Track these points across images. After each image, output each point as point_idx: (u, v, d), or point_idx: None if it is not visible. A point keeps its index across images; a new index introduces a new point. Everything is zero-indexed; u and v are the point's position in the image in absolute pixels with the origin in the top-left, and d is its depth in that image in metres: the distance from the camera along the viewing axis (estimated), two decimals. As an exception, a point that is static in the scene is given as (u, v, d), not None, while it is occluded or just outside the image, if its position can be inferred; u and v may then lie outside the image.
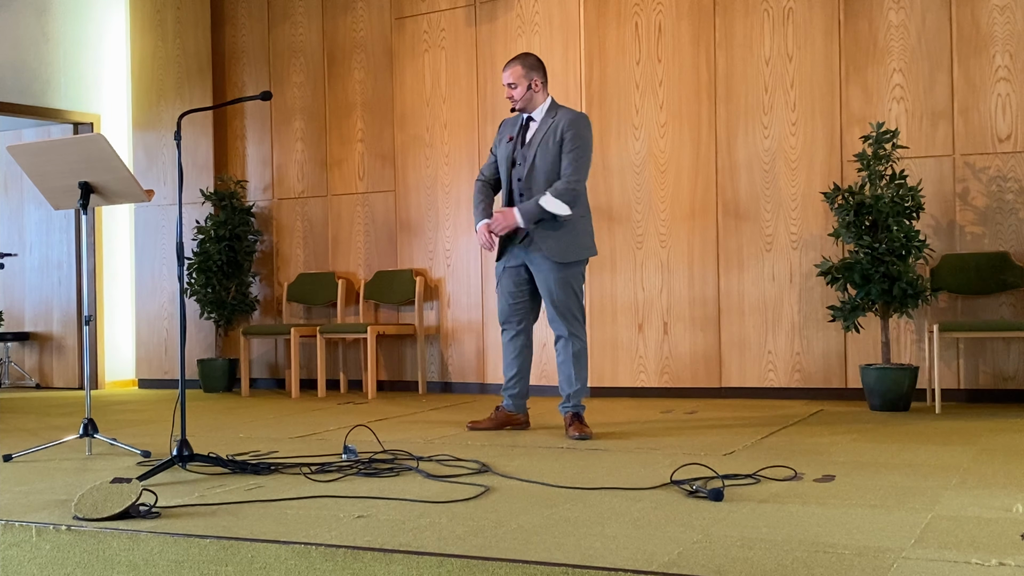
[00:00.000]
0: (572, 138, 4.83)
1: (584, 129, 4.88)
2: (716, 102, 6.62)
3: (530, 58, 4.97)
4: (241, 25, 8.28)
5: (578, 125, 4.86)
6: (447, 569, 2.45)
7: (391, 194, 7.67)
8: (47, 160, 4.35)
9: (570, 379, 4.88)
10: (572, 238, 4.86)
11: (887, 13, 6.23)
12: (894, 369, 5.63)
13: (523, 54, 5.03)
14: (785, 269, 6.43)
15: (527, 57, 4.97)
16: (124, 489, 3.06)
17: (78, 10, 8.33)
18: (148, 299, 8.39)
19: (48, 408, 6.77)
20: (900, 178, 5.68)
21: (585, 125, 4.90)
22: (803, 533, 2.69)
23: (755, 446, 4.39)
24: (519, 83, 4.90)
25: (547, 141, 4.88)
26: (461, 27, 7.40)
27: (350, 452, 4.10)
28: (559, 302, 4.86)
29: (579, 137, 4.84)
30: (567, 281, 4.87)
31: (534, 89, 4.91)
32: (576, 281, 4.92)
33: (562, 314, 4.87)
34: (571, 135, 4.83)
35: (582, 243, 4.91)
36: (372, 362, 7.16)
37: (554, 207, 4.75)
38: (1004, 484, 3.37)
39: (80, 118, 8.30)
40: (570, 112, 4.94)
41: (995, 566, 2.32)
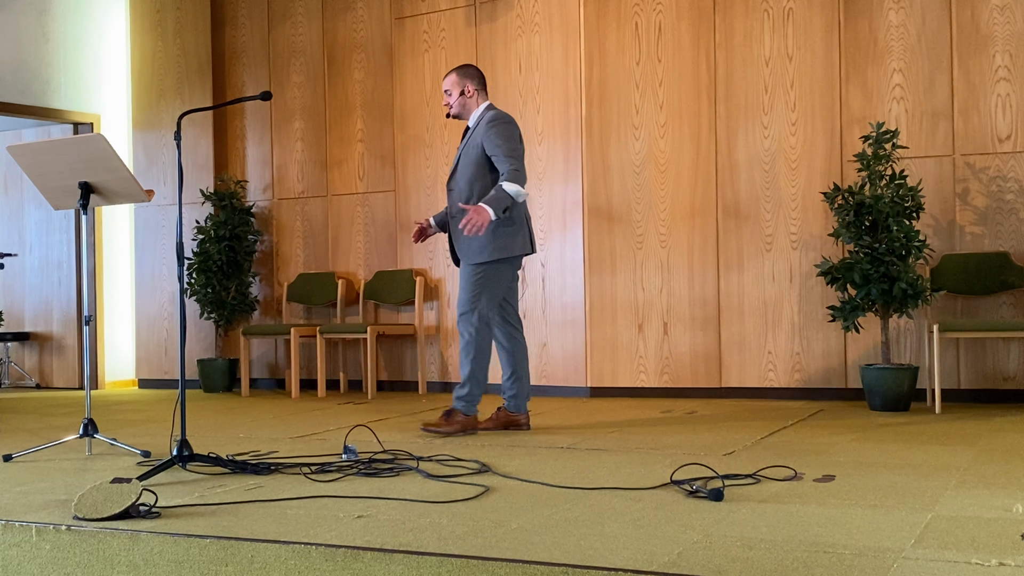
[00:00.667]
0: (491, 136, 4.88)
1: (499, 124, 4.91)
2: (716, 102, 6.62)
3: (467, 68, 5.13)
4: (241, 25, 8.28)
5: (493, 123, 4.92)
6: (447, 569, 2.45)
7: (391, 194, 7.67)
8: (47, 160, 4.35)
9: (463, 367, 4.96)
10: (486, 240, 4.88)
11: (887, 13, 6.23)
12: (894, 369, 5.63)
13: (462, 64, 5.22)
14: (785, 269, 6.43)
15: (464, 67, 5.14)
16: (124, 489, 3.06)
17: (78, 10, 8.33)
18: (148, 299, 8.39)
19: (48, 408, 6.77)
20: (900, 178, 5.68)
21: (500, 121, 4.93)
22: (803, 533, 2.69)
23: (755, 446, 4.39)
24: (452, 90, 5.06)
25: (470, 146, 4.99)
26: (461, 27, 7.40)
27: (350, 452, 4.10)
28: (462, 293, 4.97)
29: (497, 133, 4.88)
30: (473, 277, 4.93)
31: (467, 95, 5.03)
32: (486, 280, 4.93)
33: (462, 304, 4.96)
34: (490, 135, 4.89)
35: (497, 244, 4.91)
36: (372, 362, 7.16)
37: (514, 189, 4.78)
38: (1004, 484, 3.37)
39: (80, 118, 8.30)
40: (487, 113, 4.99)
41: (995, 566, 2.32)
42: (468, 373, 4.94)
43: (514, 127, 4.97)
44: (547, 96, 7.04)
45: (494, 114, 4.99)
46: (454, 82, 5.06)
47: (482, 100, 5.08)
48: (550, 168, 7.01)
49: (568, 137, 6.95)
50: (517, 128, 4.99)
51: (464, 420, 4.95)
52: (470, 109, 5.06)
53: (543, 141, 7.04)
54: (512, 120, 5.00)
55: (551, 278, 7.01)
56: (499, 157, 4.85)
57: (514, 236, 4.95)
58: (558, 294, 6.98)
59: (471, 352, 4.93)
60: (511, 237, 4.94)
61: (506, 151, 4.85)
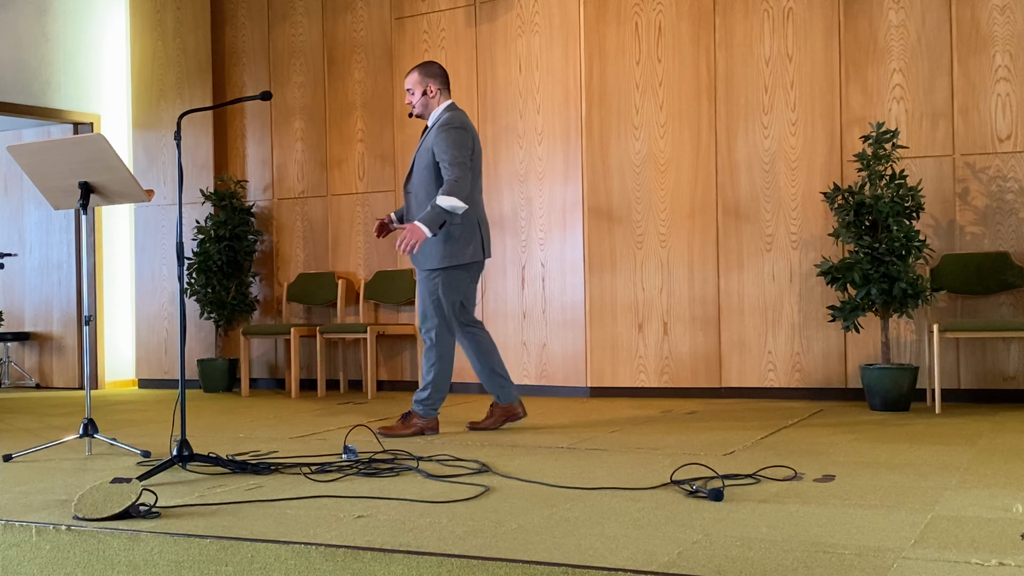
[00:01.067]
0: (440, 140, 4.87)
1: (452, 129, 4.89)
2: (716, 102, 6.62)
3: (430, 66, 5.07)
4: (241, 25, 8.28)
5: (446, 126, 4.91)
6: (447, 569, 2.45)
7: (391, 194, 7.66)
8: (47, 160, 4.35)
9: (425, 373, 4.97)
10: (437, 246, 4.88)
11: (887, 13, 6.23)
12: (894, 369, 5.62)
13: (425, 62, 5.16)
14: (785, 269, 6.43)
15: (426, 65, 5.08)
16: (124, 489, 3.06)
17: (78, 10, 8.33)
18: (148, 299, 8.39)
19: (48, 408, 6.77)
20: (900, 178, 5.68)
21: (452, 126, 4.90)
22: (803, 533, 2.69)
23: (755, 446, 4.39)
24: (415, 89, 5.03)
25: (423, 148, 4.98)
26: (461, 27, 7.40)
27: (350, 452, 4.10)
28: (420, 302, 4.99)
29: (445, 139, 4.86)
30: (429, 285, 4.94)
31: (429, 95, 5.00)
32: (441, 287, 4.92)
33: (421, 312, 4.99)
34: (439, 138, 4.88)
35: (448, 250, 4.89)
36: (372, 362, 7.16)
37: (450, 203, 4.78)
38: (1004, 484, 3.37)
39: (80, 118, 8.30)
40: (444, 116, 4.97)
41: (995, 566, 2.32)
42: (431, 378, 4.96)
43: (465, 133, 4.91)
44: (547, 96, 7.04)
45: (448, 117, 4.95)
46: (416, 81, 5.02)
47: (444, 100, 5.04)
48: (550, 168, 7.01)
49: (568, 137, 6.95)
50: (469, 134, 4.94)
51: (422, 422, 4.97)
52: (431, 109, 5.03)
53: (543, 141, 7.04)
54: (465, 125, 4.95)
55: (551, 278, 7.01)
56: (443, 165, 4.84)
57: (467, 243, 4.93)
58: (558, 294, 6.98)
59: (432, 358, 4.96)
60: (463, 244, 4.92)
61: (450, 159, 4.82)
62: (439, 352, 4.95)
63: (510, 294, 7.16)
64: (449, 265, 4.90)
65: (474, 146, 4.95)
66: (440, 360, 4.95)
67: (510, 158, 7.16)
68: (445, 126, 4.90)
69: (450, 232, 4.87)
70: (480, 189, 5.04)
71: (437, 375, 4.95)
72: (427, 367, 4.97)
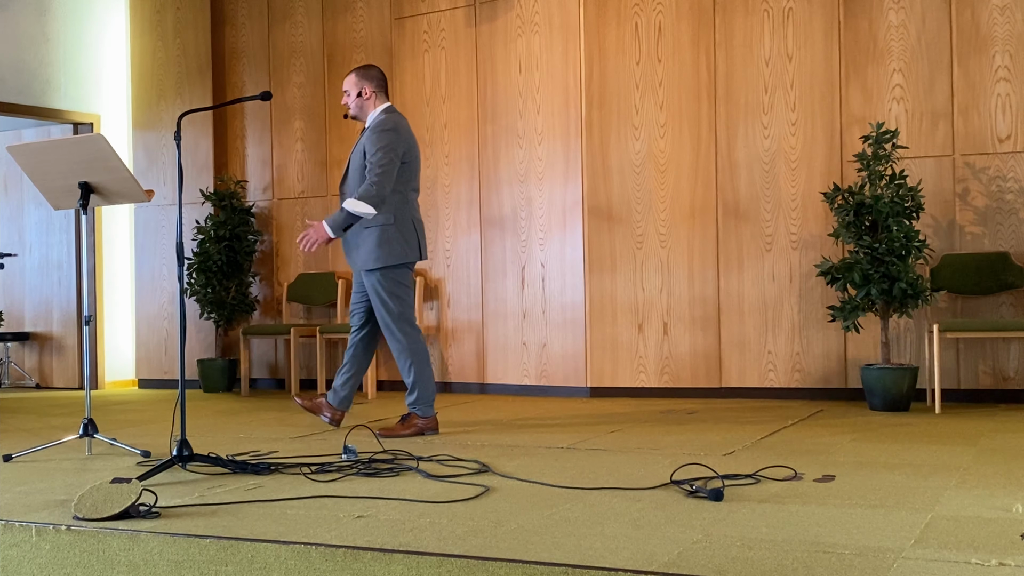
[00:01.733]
0: (372, 142, 4.90)
1: (382, 131, 4.90)
2: (716, 102, 6.62)
3: (368, 69, 5.11)
4: (241, 25, 8.28)
5: (377, 128, 4.93)
6: (447, 569, 2.45)
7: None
8: (47, 160, 4.35)
9: (409, 375, 4.99)
10: (373, 246, 4.91)
11: (887, 13, 6.23)
12: (894, 369, 5.63)
13: (364, 65, 5.24)
14: (785, 269, 6.43)
15: (364, 68, 5.13)
16: (124, 489, 3.06)
17: (78, 10, 8.33)
18: (148, 299, 8.39)
19: (48, 408, 6.77)
20: (900, 178, 5.68)
21: (386, 126, 4.92)
22: (803, 533, 2.69)
23: (755, 446, 4.39)
24: (351, 90, 5.07)
25: (357, 151, 5.00)
26: (461, 27, 7.40)
27: (350, 452, 4.10)
28: (375, 308, 5.01)
29: (377, 140, 4.88)
30: (374, 288, 4.96)
31: (364, 97, 5.03)
32: (386, 286, 4.94)
33: (380, 318, 5.00)
34: (371, 140, 4.91)
35: (385, 250, 4.91)
36: (372, 362, 7.14)
37: (357, 208, 4.81)
38: (1004, 484, 3.37)
39: (80, 118, 8.30)
40: (379, 116, 4.99)
41: (995, 566, 2.32)
42: (414, 378, 4.97)
43: (397, 135, 4.92)
44: (547, 96, 7.04)
45: (382, 119, 4.97)
46: (352, 83, 5.06)
47: (380, 103, 5.06)
48: (550, 168, 7.01)
49: (568, 137, 6.95)
50: (402, 137, 4.94)
51: (423, 423, 4.99)
52: (367, 111, 5.06)
53: (543, 141, 7.04)
54: (398, 127, 4.96)
55: (551, 278, 7.01)
56: (368, 167, 4.87)
57: (401, 243, 4.95)
58: (558, 294, 6.98)
59: (408, 358, 4.97)
60: (398, 244, 4.94)
61: (375, 161, 4.85)
62: (412, 351, 4.98)
63: (510, 294, 7.16)
64: (386, 265, 4.93)
65: (409, 149, 4.97)
66: (415, 357, 4.98)
67: (510, 158, 7.17)
68: (377, 128, 4.94)
69: (383, 233, 4.90)
70: (416, 191, 5.07)
71: (418, 373, 4.98)
72: (405, 369, 5.00)
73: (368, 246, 4.91)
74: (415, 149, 5.04)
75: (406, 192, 4.96)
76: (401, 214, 4.93)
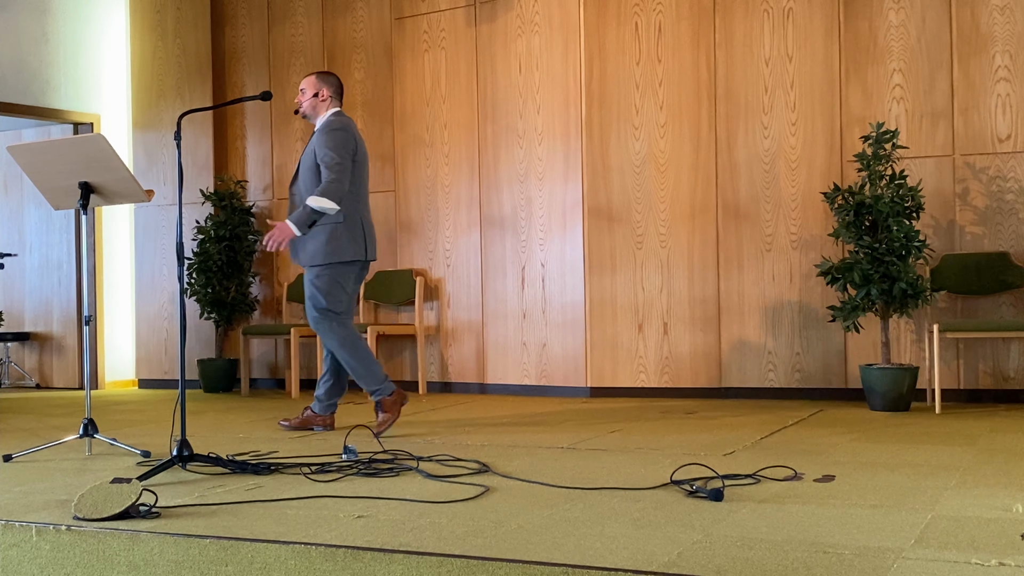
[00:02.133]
0: (322, 144, 4.96)
1: (332, 131, 4.98)
2: (716, 102, 6.62)
3: (329, 75, 5.21)
4: (241, 25, 8.28)
5: (326, 128, 5.01)
6: (447, 569, 2.45)
7: (391, 194, 7.67)
8: (47, 160, 4.35)
9: (352, 371, 5.01)
10: (322, 243, 4.95)
11: (887, 13, 6.23)
12: (894, 369, 5.63)
13: (326, 71, 5.35)
14: (785, 269, 6.43)
15: (326, 73, 5.23)
16: (124, 489, 3.06)
17: (78, 10, 8.33)
18: (148, 299, 8.39)
19: (48, 408, 6.77)
20: (900, 178, 5.68)
21: (335, 126, 5.00)
22: (803, 533, 2.69)
23: (755, 446, 4.39)
24: (307, 89, 5.15)
25: (308, 151, 5.06)
26: (461, 27, 7.40)
27: (350, 452, 4.10)
28: (306, 303, 5.07)
29: (328, 140, 4.96)
30: (312, 282, 5.01)
31: (320, 98, 5.11)
32: (324, 282, 4.98)
33: (308, 313, 5.06)
34: (321, 140, 4.98)
35: (333, 247, 4.95)
36: (372, 362, 7.14)
37: (322, 204, 4.87)
38: (1004, 484, 3.37)
39: (80, 118, 8.30)
40: (329, 119, 5.06)
41: (995, 566, 2.32)
42: (355, 366, 5.00)
43: (347, 135, 4.99)
44: (547, 96, 7.04)
45: (331, 120, 5.05)
46: (312, 83, 5.14)
47: (332, 107, 5.13)
48: (550, 168, 7.01)
49: (568, 137, 6.95)
50: (352, 137, 5.00)
51: (391, 400, 5.00)
52: (319, 112, 5.12)
53: (543, 141, 7.04)
54: (348, 128, 5.03)
55: (551, 278, 7.01)
56: (322, 167, 4.93)
57: (349, 241, 4.98)
58: (558, 294, 6.98)
59: (346, 350, 5.00)
60: (345, 242, 4.98)
61: (329, 161, 4.91)
62: (348, 343, 5.00)
63: (510, 294, 7.16)
64: (332, 262, 4.97)
65: (357, 149, 5.02)
66: (354, 349, 5.00)
67: (510, 158, 7.17)
68: (326, 128, 5.01)
69: (333, 231, 4.95)
70: (366, 192, 5.11)
71: (359, 361, 5.00)
72: (350, 362, 5.02)
73: (316, 243, 4.97)
74: (364, 151, 5.11)
75: (355, 193, 5.03)
76: (351, 213, 4.99)
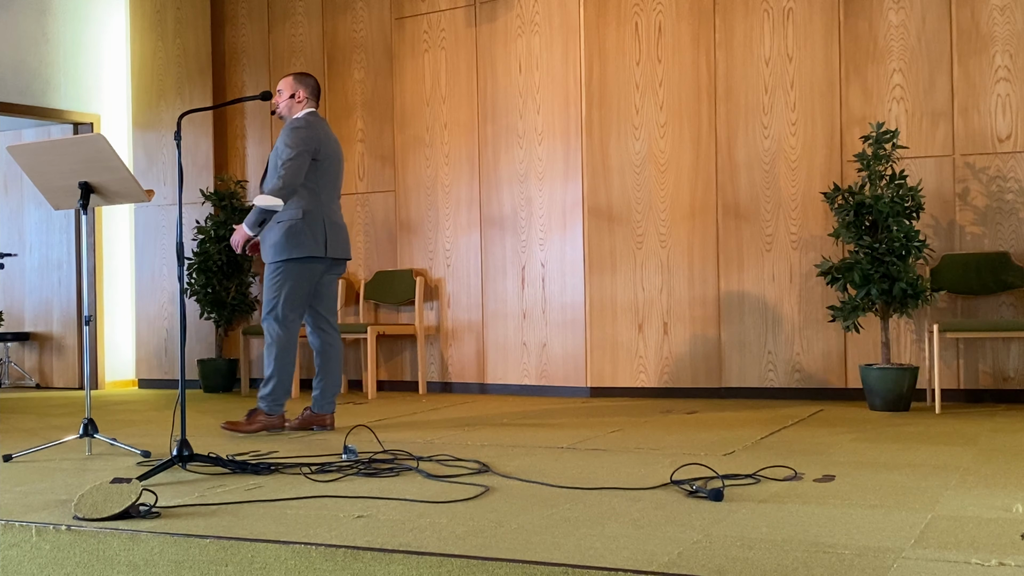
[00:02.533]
0: (283, 141, 5.01)
1: (293, 129, 5.02)
2: (716, 102, 6.62)
3: (307, 77, 5.24)
4: (241, 25, 8.28)
5: (289, 126, 5.05)
6: (447, 569, 2.45)
7: (391, 194, 7.67)
8: (47, 160, 4.35)
9: (268, 372, 5.04)
10: (279, 238, 4.99)
11: (887, 13, 6.23)
12: (894, 369, 5.63)
13: (304, 72, 5.39)
14: (785, 269, 6.43)
15: (303, 75, 5.25)
16: (124, 489, 3.06)
17: (78, 10, 8.33)
18: (148, 299, 8.39)
19: (48, 408, 6.77)
20: (900, 178, 5.68)
21: (297, 124, 5.04)
22: (803, 533, 2.69)
23: (755, 446, 4.39)
24: (284, 90, 5.19)
25: (275, 149, 5.10)
26: (461, 27, 7.40)
27: (350, 452, 4.10)
28: (264, 296, 5.09)
29: (287, 137, 5.00)
30: (270, 276, 5.05)
31: (296, 99, 5.15)
32: (280, 279, 5.01)
33: (264, 306, 5.08)
34: (282, 138, 5.03)
35: (290, 243, 4.98)
36: (372, 362, 7.16)
37: (266, 202, 4.90)
38: (1004, 484, 3.37)
39: (80, 118, 8.30)
40: (296, 118, 5.10)
41: (995, 566, 2.32)
42: (271, 373, 5.03)
43: (310, 132, 5.01)
44: (547, 96, 7.04)
45: (297, 119, 5.09)
46: (289, 84, 5.17)
47: (308, 107, 5.16)
48: (550, 168, 7.01)
49: (568, 137, 6.95)
50: (316, 135, 5.03)
51: (266, 419, 5.04)
52: (293, 113, 5.16)
53: (543, 141, 7.04)
54: (312, 125, 5.05)
55: (551, 278, 7.01)
56: (280, 164, 4.95)
57: (307, 238, 5.00)
58: (558, 294, 6.98)
59: (273, 352, 5.03)
60: (303, 239, 4.99)
61: (284, 156, 4.94)
62: (279, 347, 5.03)
63: (510, 294, 7.16)
64: (287, 258, 4.99)
65: (322, 148, 5.04)
66: (281, 355, 5.03)
67: (510, 158, 7.17)
68: (289, 126, 5.06)
69: (291, 227, 4.98)
70: (333, 191, 5.14)
71: (279, 369, 5.03)
72: (268, 361, 5.05)
73: (274, 239, 5.01)
74: (333, 152, 5.13)
75: (318, 191, 5.04)
76: (313, 210, 5.01)
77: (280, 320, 5.01)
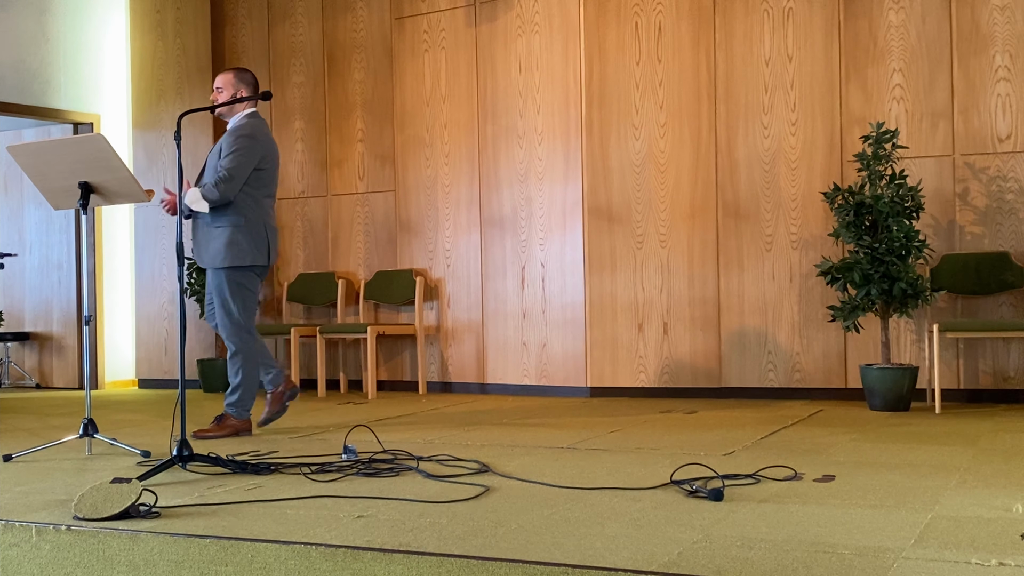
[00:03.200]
0: (227, 145, 4.99)
1: (239, 136, 5.00)
2: (716, 102, 6.62)
3: (245, 73, 5.18)
4: (241, 25, 8.28)
5: (235, 132, 5.02)
6: (447, 569, 2.45)
7: (391, 194, 7.67)
8: (47, 160, 4.35)
9: (233, 382, 5.06)
10: (221, 246, 4.98)
11: (887, 13, 6.23)
12: (894, 369, 5.63)
13: (242, 68, 5.30)
14: (785, 269, 6.43)
15: (243, 71, 5.20)
16: (124, 489, 3.06)
17: (78, 10, 8.33)
18: (148, 299, 8.39)
19: (48, 408, 6.77)
20: (900, 178, 5.68)
21: (243, 131, 5.01)
22: (803, 533, 2.69)
23: (755, 446, 4.39)
24: (225, 89, 5.13)
25: (216, 148, 5.08)
26: (461, 27, 7.40)
27: (350, 452, 4.10)
28: (216, 307, 5.09)
29: (231, 144, 4.97)
30: (218, 286, 5.04)
31: (237, 98, 5.07)
32: (230, 288, 5.01)
33: (219, 318, 5.08)
34: (227, 142, 5.00)
35: (233, 251, 4.98)
36: (372, 362, 7.16)
37: (191, 200, 4.92)
38: (1004, 484, 3.37)
39: (80, 118, 8.30)
40: (241, 120, 5.07)
41: (995, 566, 2.32)
42: (239, 382, 5.05)
43: (254, 143, 4.99)
44: (547, 96, 7.04)
45: (242, 124, 5.06)
46: (228, 82, 5.12)
47: (248, 107, 5.13)
48: (550, 168, 7.01)
49: (568, 137, 6.95)
50: (259, 144, 5.01)
51: (236, 423, 5.07)
52: (234, 112, 5.12)
53: (543, 141, 7.04)
54: (255, 134, 5.03)
55: (551, 278, 7.01)
56: (220, 166, 4.93)
57: (250, 246, 5.01)
58: (558, 294, 6.98)
59: (238, 362, 5.06)
60: (246, 247, 5.00)
61: (225, 164, 4.92)
62: (244, 354, 5.06)
63: (510, 294, 7.16)
64: (232, 265, 4.99)
65: (265, 156, 5.04)
66: (246, 362, 5.06)
67: (510, 158, 7.17)
68: (235, 132, 5.03)
69: (233, 234, 4.97)
70: (272, 198, 5.14)
71: (245, 376, 5.06)
72: (234, 371, 5.07)
73: (216, 245, 4.99)
74: (274, 156, 5.12)
75: (259, 197, 5.05)
76: (253, 217, 5.02)
77: (244, 329, 5.04)
